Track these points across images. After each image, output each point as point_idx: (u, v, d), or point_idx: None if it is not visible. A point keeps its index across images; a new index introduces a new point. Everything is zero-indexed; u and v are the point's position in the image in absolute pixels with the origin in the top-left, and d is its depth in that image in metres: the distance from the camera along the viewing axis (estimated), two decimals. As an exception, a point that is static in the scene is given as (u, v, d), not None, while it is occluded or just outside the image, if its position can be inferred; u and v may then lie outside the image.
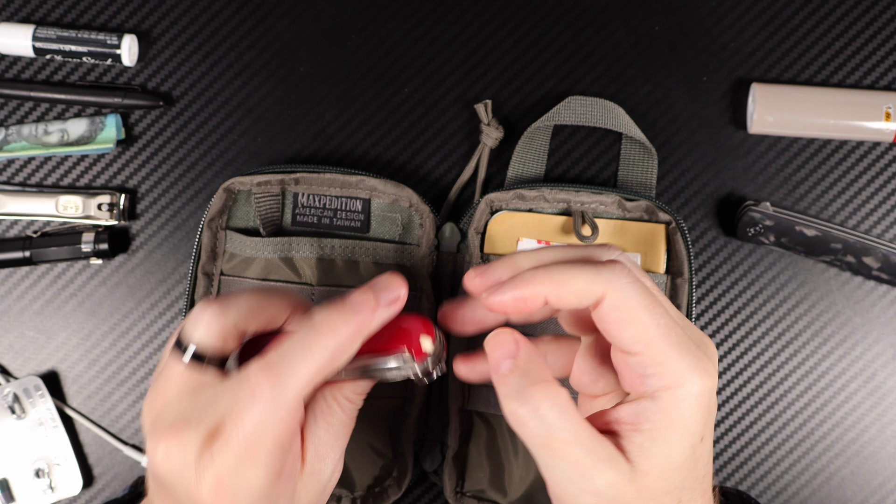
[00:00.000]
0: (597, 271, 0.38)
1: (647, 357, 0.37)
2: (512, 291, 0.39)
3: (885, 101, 0.62)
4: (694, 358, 0.37)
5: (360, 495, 0.59)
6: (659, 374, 0.37)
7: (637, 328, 0.37)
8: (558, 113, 0.61)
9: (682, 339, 0.37)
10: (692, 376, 0.37)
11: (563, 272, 0.38)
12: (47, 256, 0.63)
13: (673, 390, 0.37)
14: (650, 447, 0.37)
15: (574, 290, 0.38)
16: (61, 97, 0.64)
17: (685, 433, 0.37)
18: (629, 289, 0.37)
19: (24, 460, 0.62)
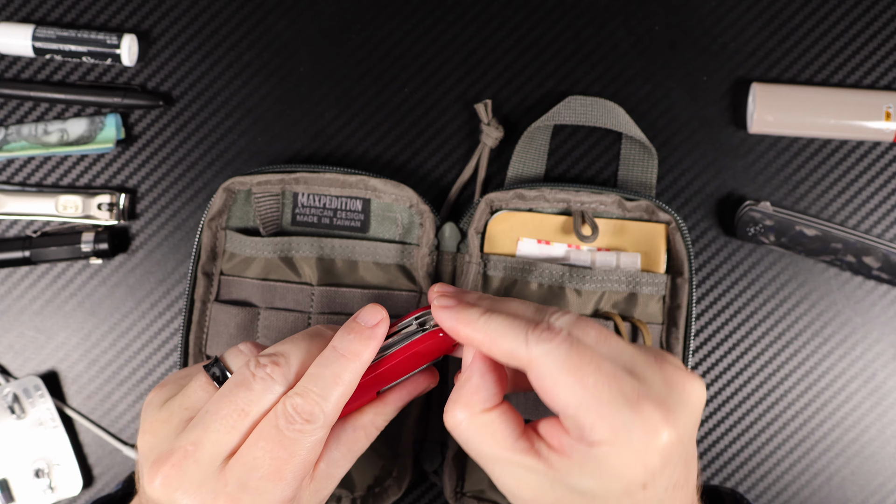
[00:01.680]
0: (524, 336, 0.38)
1: (577, 419, 0.37)
2: (453, 322, 0.40)
3: (885, 101, 0.62)
4: (635, 413, 0.36)
5: (360, 495, 0.59)
6: (591, 432, 0.36)
7: (562, 394, 0.37)
8: (558, 113, 0.61)
9: (621, 393, 0.36)
10: (631, 434, 0.36)
11: (497, 328, 0.39)
12: (47, 256, 0.63)
13: (607, 446, 0.36)
14: (576, 474, 0.37)
15: (501, 349, 0.39)
16: (61, 97, 0.64)
17: (618, 481, 0.37)
18: (552, 354, 0.37)
19: (24, 460, 0.62)
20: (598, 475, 0.37)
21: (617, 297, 0.58)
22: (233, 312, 0.59)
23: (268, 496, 0.38)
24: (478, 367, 0.40)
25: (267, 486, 0.38)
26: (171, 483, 0.38)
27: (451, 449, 0.58)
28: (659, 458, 0.36)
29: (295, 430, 0.39)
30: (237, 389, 0.40)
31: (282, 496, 0.39)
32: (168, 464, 0.39)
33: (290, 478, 0.39)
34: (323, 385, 0.40)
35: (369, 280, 0.59)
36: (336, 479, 0.43)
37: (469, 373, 0.40)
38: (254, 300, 0.59)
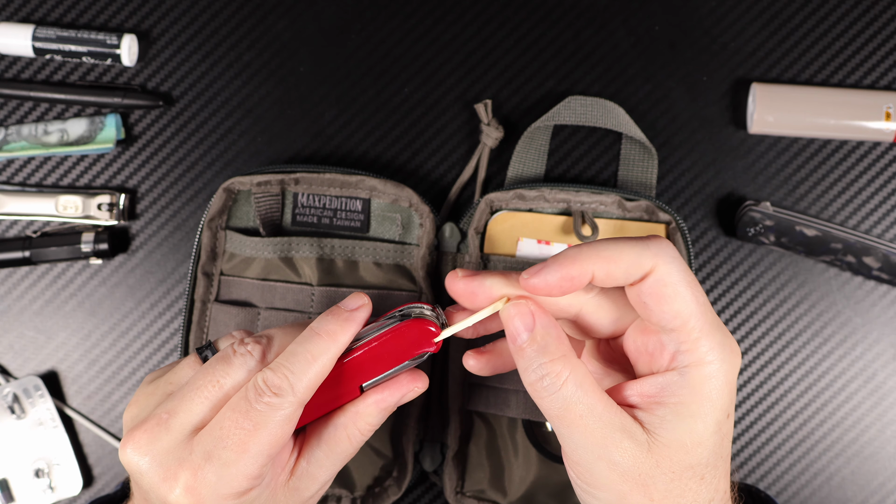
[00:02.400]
0: (645, 245, 0.38)
1: (684, 333, 0.37)
2: (559, 270, 0.38)
3: (885, 101, 0.62)
4: (724, 336, 0.38)
5: (360, 495, 0.59)
6: (691, 350, 0.37)
7: (680, 303, 0.37)
8: (558, 113, 0.61)
9: (714, 318, 0.38)
10: (723, 354, 0.37)
11: (610, 247, 0.38)
12: (47, 256, 0.63)
13: (703, 367, 0.37)
14: (673, 420, 0.37)
15: (623, 264, 0.37)
16: (61, 97, 0.64)
17: (713, 408, 0.37)
18: (675, 263, 0.37)
19: (24, 460, 0.62)
20: (693, 408, 0.37)
21: (617, 298, 0.58)
22: (233, 312, 0.59)
23: (231, 468, 0.38)
24: (547, 320, 0.39)
25: (230, 457, 0.38)
26: (141, 448, 0.39)
27: (451, 448, 0.58)
28: (735, 380, 0.38)
29: (263, 402, 0.39)
30: (217, 364, 0.40)
31: (245, 470, 0.38)
32: (140, 429, 0.39)
33: (255, 451, 0.38)
34: (295, 360, 0.40)
35: (369, 280, 0.59)
36: (318, 481, 0.42)
37: (543, 327, 0.38)
38: (254, 300, 0.59)
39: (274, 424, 0.39)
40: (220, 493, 0.38)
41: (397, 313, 0.43)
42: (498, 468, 0.59)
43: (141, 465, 0.39)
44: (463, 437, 0.59)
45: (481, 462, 0.59)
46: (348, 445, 0.43)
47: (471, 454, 0.59)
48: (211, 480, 0.38)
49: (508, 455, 0.59)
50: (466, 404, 0.59)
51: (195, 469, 0.38)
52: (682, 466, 0.37)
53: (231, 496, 0.39)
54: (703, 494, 0.38)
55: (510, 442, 0.59)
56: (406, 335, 0.42)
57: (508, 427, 0.59)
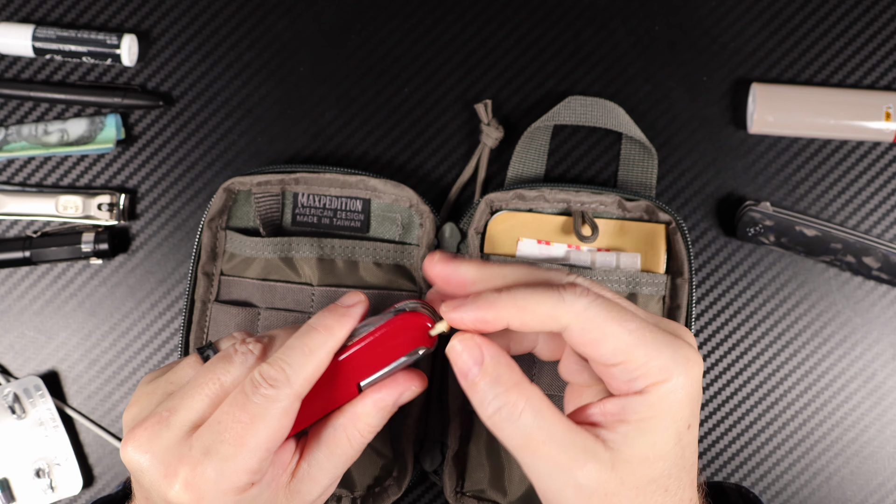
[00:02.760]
0: (559, 297, 0.38)
1: (629, 364, 0.37)
2: (474, 312, 0.39)
3: (885, 101, 0.62)
4: (674, 350, 0.37)
5: (360, 495, 0.59)
6: (643, 375, 0.37)
7: (611, 342, 0.37)
8: (558, 113, 0.61)
9: (658, 335, 0.38)
10: (676, 368, 0.37)
11: (524, 298, 0.38)
12: (47, 256, 0.63)
13: (660, 384, 0.37)
14: (634, 436, 0.37)
15: (537, 316, 0.38)
16: (61, 97, 0.64)
17: (672, 421, 0.37)
18: (592, 308, 0.37)
19: (25, 460, 0.62)
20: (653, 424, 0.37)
21: (617, 298, 0.58)
22: (233, 313, 0.59)
23: (230, 462, 0.38)
24: (495, 350, 0.39)
25: (229, 452, 0.38)
26: (142, 446, 0.39)
27: (451, 448, 0.59)
28: (696, 390, 0.38)
29: (259, 394, 0.39)
30: (218, 362, 0.41)
31: (244, 464, 0.38)
32: (141, 427, 0.39)
33: (253, 445, 0.38)
34: (291, 354, 0.40)
35: (369, 280, 0.59)
36: (320, 484, 0.42)
37: (492, 358, 0.39)
38: (254, 300, 0.59)
39: (271, 417, 0.39)
40: (220, 489, 0.38)
41: (392, 310, 0.43)
42: (498, 468, 0.59)
43: (142, 462, 0.39)
44: (463, 437, 0.59)
45: (481, 462, 0.59)
46: (348, 447, 0.42)
47: (471, 454, 0.60)
48: (210, 476, 0.38)
49: (508, 455, 0.59)
50: (466, 404, 0.59)
51: (194, 464, 0.38)
52: (646, 481, 0.37)
53: (231, 491, 0.39)
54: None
55: (510, 442, 0.59)
56: (400, 329, 0.42)
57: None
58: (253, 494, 0.40)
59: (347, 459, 0.43)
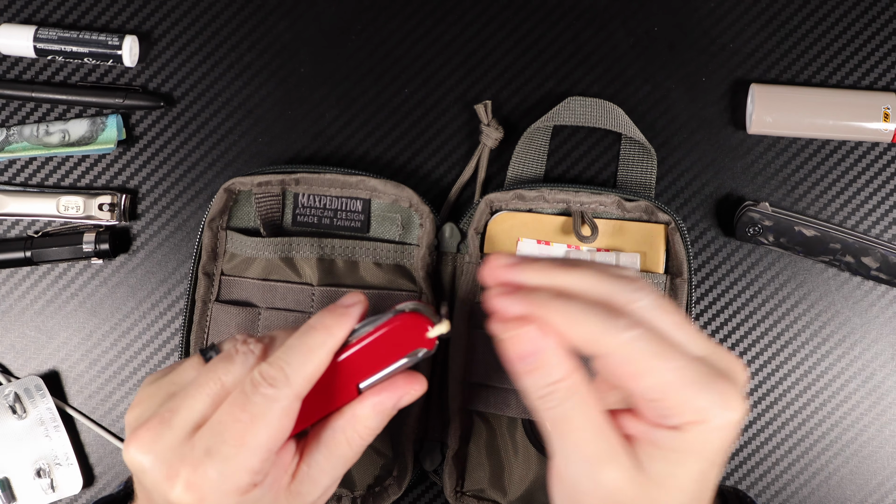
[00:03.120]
0: (611, 321, 0.37)
1: (666, 402, 0.37)
2: (524, 307, 0.38)
3: (883, 101, 0.62)
4: (716, 393, 0.36)
5: (361, 495, 0.59)
6: (679, 414, 0.37)
7: (650, 379, 0.36)
8: (558, 113, 0.61)
9: (701, 375, 0.37)
10: (715, 411, 0.36)
11: (577, 313, 0.37)
12: (48, 256, 0.63)
13: (697, 425, 0.36)
14: (660, 462, 0.37)
15: (582, 334, 0.37)
16: (62, 98, 0.64)
17: (700, 461, 0.37)
18: (637, 342, 0.36)
19: (25, 460, 0.62)
20: (681, 458, 0.37)
21: (616, 297, 0.58)
22: (233, 312, 0.59)
23: (231, 462, 0.38)
24: (552, 341, 0.38)
25: (230, 452, 0.38)
26: (144, 447, 0.39)
27: (451, 448, 0.59)
28: (733, 433, 0.37)
29: (259, 393, 0.39)
30: (219, 362, 0.41)
31: (245, 464, 0.38)
32: (143, 428, 0.39)
33: (254, 445, 0.38)
34: (291, 353, 0.40)
35: (369, 280, 0.59)
36: (320, 486, 0.42)
37: (551, 350, 0.38)
38: (254, 300, 0.59)
39: (271, 416, 0.39)
40: (222, 490, 0.38)
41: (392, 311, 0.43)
42: (498, 467, 0.59)
43: (144, 463, 0.39)
44: (463, 437, 0.59)
45: (481, 461, 0.59)
46: (348, 449, 0.42)
47: (471, 454, 0.60)
48: (212, 476, 0.38)
49: (508, 454, 0.59)
50: (466, 404, 0.59)
51: (196, 465, 0.38)
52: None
53: (233, 492, 0.39)
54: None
55: (510, 441, 0.59)
56: (399, 330, 0.42)
57: (508, 426, 0.59)
58: (255, 496, 0.40)
59: (347, 461, 0.43)
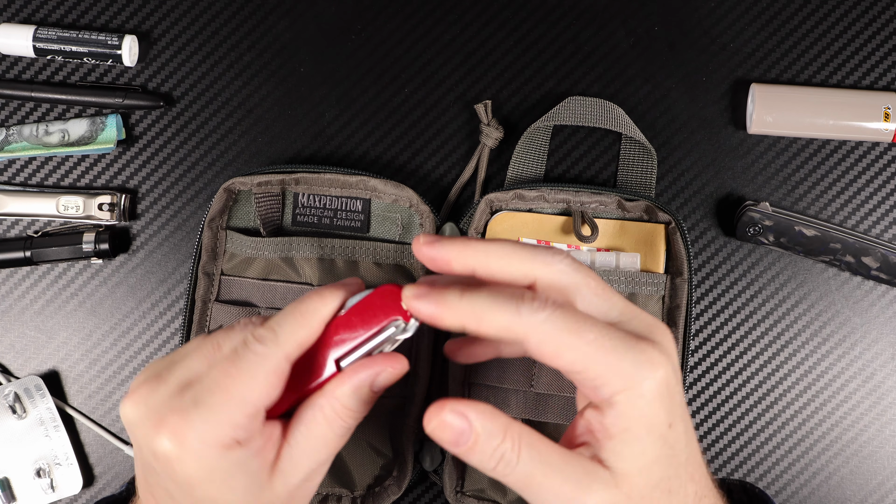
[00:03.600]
0: (516, 309, 0.38)
1: (590, 372, 0.37)
2: (433, 309, 0.39)
3: (884, 101, 0.62)
4: (636, 354, 0.37)
5: (360, 494, 0.59)
6: (606, 383, 0.37)
7: (568, 354, 0.37)
8: (558, 113, 0.61)
9: (618, 341, 0.37)
10: (639, 373, 0.37)
11: (483, 306, 0.38)
12: (48, 256, 0.63)
13: (626, 392, 0.37)
14: (623, 449, 0.37)
15: (493, 326, 0.38)
16: (62, 97, 0.64)
17: (650, 427, 0.37)
18: (548, 322, 0.37)
19: (25, 460, 0.62)
20: (633, 432, 0.37)
21: (616, 297, 0.58)
22: (233, 312, 0.59)
23: (216, 413, 0.39)
24: (478, 409, 0.39)
25: (216, 402, 0.39)
26: (138, 401, 0.40)
27: (451, 448, 0.59)
28: (666, 388, 0.38)
29: (249, 349, 0.40)
30: (219, 331, 0.42)
31: (230, 417, 0.39)
32: (141, 385, 0.41)
33: (239, 399, 0.39)
34: (283, 316, 0.41)
35: (370, 280, 0.59)
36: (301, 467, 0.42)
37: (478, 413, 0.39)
38: (254, 300, 0.59)
39: (259, 373, 0.39)
40: (205, 440, 0.39)
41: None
42: (498, 467, 0.59)
43: (135, 415, 0.40)
44: (463, 437, 0.59)
45: (481, 461, 0.59)
46: (327, 429, 0.42)
47: (471, 453, 0.60)
48: (197, 425, 0.39)
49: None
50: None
51: (183, 413, 0.39)
52: (649, 488, 0.38)
53: (216, 445, 0.39)
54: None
55: (510, 441, 0.59)
56: (375, 299, 0.42)
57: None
58: (237, 457, 0.39)
59: (327, 443, 0.42)
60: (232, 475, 0.40)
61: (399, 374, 0.43)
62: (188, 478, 0.39)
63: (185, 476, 0.39)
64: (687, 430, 0.40)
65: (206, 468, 0.39)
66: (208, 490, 0.40)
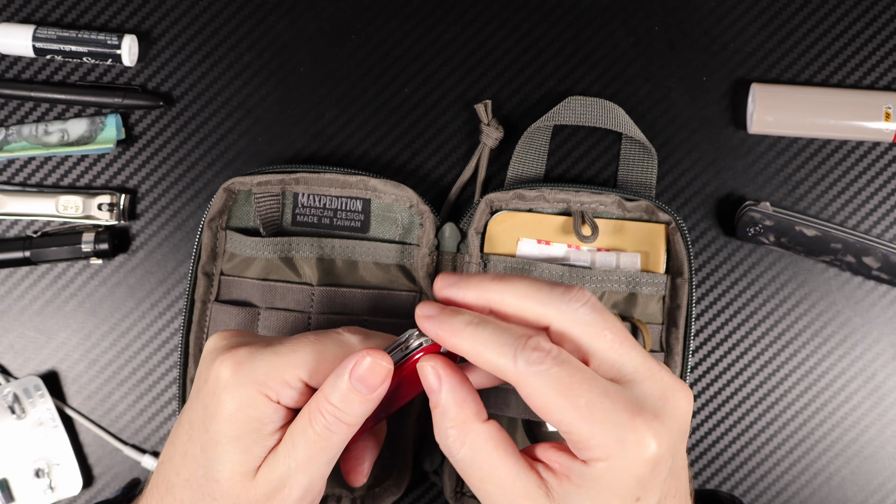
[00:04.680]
0: (512, 359, 0.37)
1: (572, 436, 0.37)
2: (437, 330, 0.40)
3: (884, 101, 0.62)
4: (625, 433, 0.36)
5: (360, 495, 0.59)
6: (587, 448, 0.37)
7: (555, 413, 0.37)
8: (558, 113, 0.61)
9: (610, 413, 0.36)
10: (622, 450, 0.36)
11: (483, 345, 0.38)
12: (47, 256, 0.63)
13: (602, 462, 0.36)
14: (576, 498, 0.37)
15: (488, 365, 0.38)
16: (61, 97, 0.64)
17: (614, 496, 0.37)
18: (541, 377, 0.37)
19: (24, 460, 0.62)
20: (594, 493, 0.37)
21: (617, 298, 0.58)
22: (233, 312, 0.59)
23: (278, 357, 0.41)
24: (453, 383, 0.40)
25: (283, 350, 0.41)
26: (228, 335, 0.44)
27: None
28: (650, 470, 0.37)
29: (339, 332, 0.43)
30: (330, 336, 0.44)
31: (285, 366, 0.41)
32: (239, 334, 0.45)
33: (302, 357, 0.41)
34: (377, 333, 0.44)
35: (369, 280, 0.59)
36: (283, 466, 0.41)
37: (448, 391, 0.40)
38: (254, 300, 0.59)
39: (331, 351, 0.42)
40: (254, 375, 0.41)
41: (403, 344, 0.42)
42: (498, 468, 0.59)
43: (218, 345, 0.43)
44: (463, 437, 0.59)
45: (481, 462, 0.59)
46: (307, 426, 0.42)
47: (471, 454, 0.59)
48: (256, 361, 0.41)
49: (508, 455, 0.59)
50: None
51: (254, 349, 0.42)
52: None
53: (259, 384, 0.41)
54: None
55: (510, 442, 0.59)
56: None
57: (508, 427, 0.59)
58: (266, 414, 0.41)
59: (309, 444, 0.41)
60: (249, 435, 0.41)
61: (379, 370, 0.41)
62: (220, 405, 0.40)
63: (216, 404, 0.41)
64: (661, 501, 0.39)
65: (236, 406, 0.40)
66: (223, 428, 0.41)
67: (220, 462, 0.41)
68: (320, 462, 0.41)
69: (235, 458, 0.41)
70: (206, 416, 0.41)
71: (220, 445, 0.41)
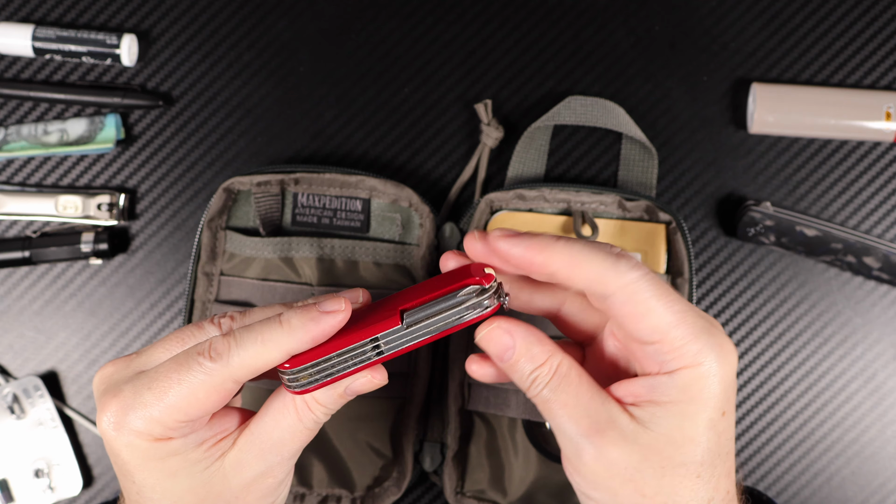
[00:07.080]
0: (614, 262, 0.38)
1: (665, 344, 0.37)
2: (525, 250, 0.39)
3: (885, 101, 0.62)
4: (713, 337, 0.37)
5: (360, 495, 0.59)
6: (678, 357, 0.37)
7: (653, 319, 0.37)
8: (558, 113, 0.61)
9: (698, 322, 0.38)
10: (711, 354, 0.37)
11: (582, 253, 0.38)
12: (47, 256, 0.63)
13: (692, 369, 0.37)
14: (663, 417, 0.37)
15: (587, 274, 0.38)
16: (61, 97, 0.64)
17: (704, 407, 0.37)
18: (643, 281, 0.37)
19: (24, 460, 0.62)
20: (681, 407, 0.37)
21: (617, 298, 0.58)
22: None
23: (146, 410, 0.38)
24: (524, 331, 0.39)
25: (150, 400, 0.38)
26: (105, 377, 0.41)
27: (451, 449, 0.58)
28: (732, 378, 0.38)
29: (198, 360, 0.39)
30: (189, 326, 0.42)
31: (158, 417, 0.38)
32: (117, 362, 0.41)
33: (171, 403, 0.38)
34: (245, 337, 0.39)
35: (369, 280, 0.59)
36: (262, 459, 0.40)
37: (523, 339, 0.39)
38: (254, 300, 0.59)
39: (198, 387, 0.38)
40: (134, 429, 0.39)
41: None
42: (498, 468, 0.59)
43: (97, 389, 0.41)
44: (463, 438, 0.59)
45: (481, 462, 0.59)
46: (296, 419, 0.41)
47: (471, 454, 0.59)
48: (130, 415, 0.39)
49: (508, 455, 0.59)
50: (466, 404, 0.59)
51: (124, 400, 0.39)
52: (673, 463, 0.37)
53: (143, 436, 0.39)
54: (700, 493, 0.38)
55: (510, 442, 0.59)
56: (458, 271, 0.40)
57: (508, 427, 0.59)
58: (173, 447, 0.39)
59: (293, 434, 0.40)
60: (168, 464, 0.39)
61: (374, 385, 0.41)
62: (125, 463, 0.39)
63: (122, 461, 0.39)
64: (733, 426, 0.39)
65: (139, 456, 0.39)
66: (146, 478, 0.39)
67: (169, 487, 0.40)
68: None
69: (183, 480, 0.40)
70: (121, 469, 0.40)
71: (156, 483, 0.40)
